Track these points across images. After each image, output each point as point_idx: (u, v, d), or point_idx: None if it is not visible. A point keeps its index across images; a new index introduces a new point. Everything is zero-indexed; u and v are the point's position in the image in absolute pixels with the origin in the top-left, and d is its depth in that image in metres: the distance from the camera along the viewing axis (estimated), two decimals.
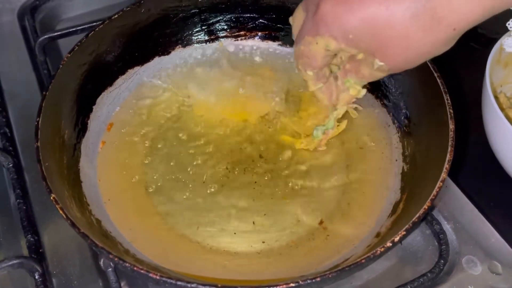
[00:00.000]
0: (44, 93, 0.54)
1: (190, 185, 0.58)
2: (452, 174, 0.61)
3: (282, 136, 0.62)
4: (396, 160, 0.59)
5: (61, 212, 0.46)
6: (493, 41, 0.63)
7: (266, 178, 0.59)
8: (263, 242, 0.54)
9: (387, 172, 0.59)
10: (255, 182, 0.58)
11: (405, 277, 0.53)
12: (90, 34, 0.60)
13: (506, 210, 0.60)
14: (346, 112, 0.60)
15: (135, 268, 0.43)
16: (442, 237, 0.55)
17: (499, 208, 0.60)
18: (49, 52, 0.73)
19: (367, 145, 0.61)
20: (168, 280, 0.42)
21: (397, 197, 0.56)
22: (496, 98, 0.56)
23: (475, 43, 0.79)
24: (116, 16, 0.61)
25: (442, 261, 0.53)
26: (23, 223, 0.57)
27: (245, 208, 0.56)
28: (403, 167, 0.58)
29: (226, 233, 0.55)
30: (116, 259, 0.43)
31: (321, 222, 0.56)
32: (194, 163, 0.60)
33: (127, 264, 0.43)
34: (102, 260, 0.53)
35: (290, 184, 0.58)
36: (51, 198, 0.47)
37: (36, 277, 0.53)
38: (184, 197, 0.57)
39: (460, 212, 0.58)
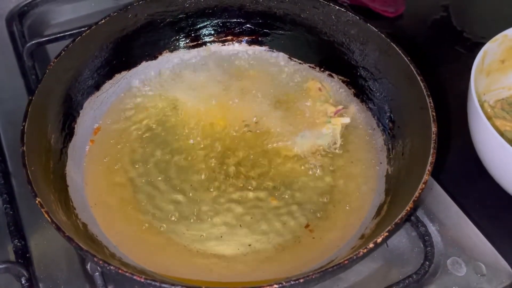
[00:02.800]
0: (30, 97, 0.54)
1: (177, 189, 0.58)
2: (437, 176, 0.61)
3: (268, 140, 0.62)
4: (381, 163, 0.60)
5: (46, 216, 0.46)
6: (479, 45, 0.63)
7: (252, 182, 0.59)
8: (249, 245, 0.54)
9: (372, 175, 0.59)
10: (242, 186, 0.59)
11: (391, 279, 0.53)
12: (77, 39, 0.60)
13: (490, 212, 0.61)
14: None
15: (119, 271, 0.43)
16: (427, 239, 0.55)
17: (484, 210, 0.61)
18: (37, 58, 0.73)
19: (353, 149, 0.62)
20: (153, 283, 0.42)
21: (381, 199, 0.56)
22: (480, 107, 0.57)
23: (461, 47, 0.80)
24: (103, 21, 0.62)
25: (427, 262, 0.53)
26: (10, 228, 0.57)
27: (231, 212, 0.57)
28: (387, 169, 0.59)
29: (213, 237, 0.55)
30: (100, 262, 0.43)
31: (307, 225, 0.56)
32: (181, 167, 0.60)
33: (111, 267, 0.43)
34: (89, 265, 0.53)
35: (276, 188, 0.58)
36: (36, 202, 0.47)
37: (23, 282, 0.53)
38: (171, 201, 0.57)
39: (445, 214, 0.59)
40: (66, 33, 0.73)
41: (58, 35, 0.74)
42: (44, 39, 0.74)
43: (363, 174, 0.59)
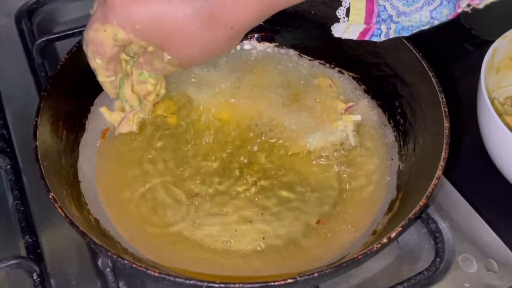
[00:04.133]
0: (42, 93, 0.55)
1: (188, 185, 0.58)
2: (447, 174, 0.61)
3: (279, 137, 0.62)
4: (392, 159, 0.60)
5: (59, 210, 0.46)
6: (487, 43, 0.63)
7: (263, 178, 0.59)
8: (261, 240, 0.54)
9: (383, 171, 0.59)
10: (253, 182, 0.59)
11: (402, 276, 0.53)
12: None
13: (501, 209, 0.61)
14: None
15: (134, 265, 0.43)
16: (438, 235, 0.55)
17: (494, 207, 0.61)
18: (46, 55, 0.74)
19: (364, 145, 0.62)
20: (167, 277, 0.42)
21: (393, 195, 0.56)
22: (491, 103, 0.57)
23: (470, 45, 0.80)
24: None
25: (438, 259, 0.53)
26: (21, 224, 0.57)
27: (242, 208, 0.57)
28: (399, 165, 0.59)
29: (224, 232, 0.55)
30: (115, 256, 0.43)
31: (318, 221, 0.56)
32: (192, 163, 0.60)
33: (126, 261, 0.43)
34: (100, 260, 0.53)
35: (287, 184, 0.58)
36: (50, 196, 0.47)
37: (34, 277, 0.53)
38: (182, 196, 0.57)
39: (456, 211, 0.59)
40: (75, 31, 0.73)
41: (68, 32, 0.74)
42: (53, 36, 0.74)
43: (375, 170, 0.59)
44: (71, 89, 0.59)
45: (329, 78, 0.67)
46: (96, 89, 0.62)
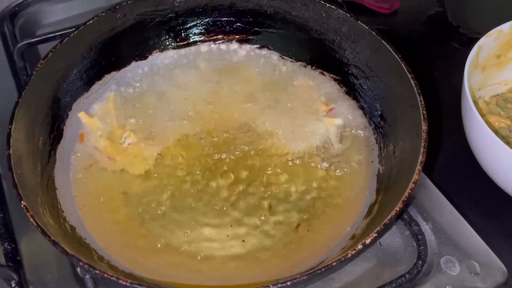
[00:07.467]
0: (17, 99, 0.54)
1: (167, 190, 0.58)
2: (430, 174, 0.61)
3: (260, 140, 0.62)
4: (372, 162, 0.59)
5: (31, 219, 0.46)
6: (474, 40, 0.63)
7: (243, 183, 0.58)
8: (240, 246, 0.54)
9: (364, 174, 0.59)
10: (233, 186, 0.58)
11: (384, 279, 0.53)
12: (64, 40, 0.59)
13: (485, 210, 0.61)
14: None
15: (105, 275, 0.43)
16: (420, 238, 0.55)
17: (478, 209, 0.60)
18: (28, 58, 0.73)
19: (344, 148, 0.61)
20: (139, 287, 0.42)
21: (372, 198, 0.56)
22: (475, 103, 0.56)
23: (456, 43, 0.80)
24: (91, 21, 0.61)
25: (420, 262, 0.53)
26: (0, 231, 0.57)
27: (221, 213, 0.56)
28: (379, 168, 0.58)
29: (202, 238, 0.54)
30: (86, 266, 0.43)
31: (297, 226, 0.56)
32: (171, 168, 0.59)
33: (97, 271, 0.43)
34: (79, 267, 0.53)
35: (267, 189, 0.58)
36: (22, 205, 0.47)
37: (13, 285, 0.53)
38: (160, 203, 0.57)
39: (439, 212, 0.58)
40: (57, 34, 0.73)
41: (49, 35, 0.73)
42: (35, 39, 0.73)
43: (355, 173, 0.59)
44: (48, 94, 0.58)
45: (311, 80, 0.66)
46: (74, 94, 0.62)
